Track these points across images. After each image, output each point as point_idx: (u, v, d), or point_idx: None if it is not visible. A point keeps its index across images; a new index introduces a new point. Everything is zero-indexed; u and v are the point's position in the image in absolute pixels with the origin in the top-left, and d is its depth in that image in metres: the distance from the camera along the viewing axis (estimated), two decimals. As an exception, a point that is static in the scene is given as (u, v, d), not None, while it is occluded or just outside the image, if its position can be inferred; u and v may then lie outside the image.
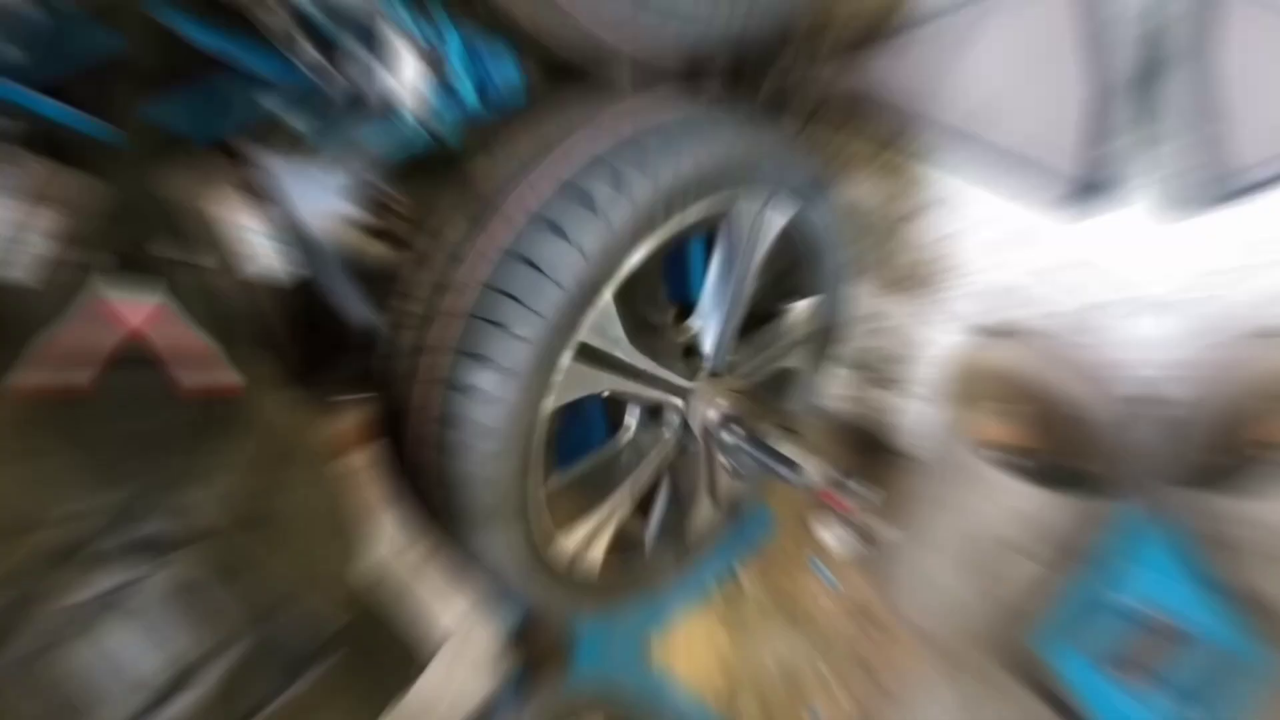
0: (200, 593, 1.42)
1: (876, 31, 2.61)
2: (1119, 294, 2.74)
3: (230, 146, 2.52)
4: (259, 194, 2.48)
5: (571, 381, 1.99)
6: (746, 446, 2.28)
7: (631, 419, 2.43)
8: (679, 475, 2.56)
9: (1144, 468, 2.59)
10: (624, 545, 2.54)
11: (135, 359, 1.37)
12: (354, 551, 1.72)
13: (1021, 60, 2.39)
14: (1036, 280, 2.87)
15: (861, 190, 3.05)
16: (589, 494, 2.36)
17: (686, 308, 2.39)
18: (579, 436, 2.45)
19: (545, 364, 1.91)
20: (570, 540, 2.31)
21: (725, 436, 2.31)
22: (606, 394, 2.16)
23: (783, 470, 2.23)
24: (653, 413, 2.42)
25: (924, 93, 2.53)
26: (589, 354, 2.00)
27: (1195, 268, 2.70)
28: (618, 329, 2.02)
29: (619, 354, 2.07)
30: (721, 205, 2.14)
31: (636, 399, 2.34)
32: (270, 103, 2.44)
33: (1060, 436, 2.88)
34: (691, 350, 2.38)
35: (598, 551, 2.41)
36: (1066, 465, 2.87)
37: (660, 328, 2.32)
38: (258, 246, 2.50)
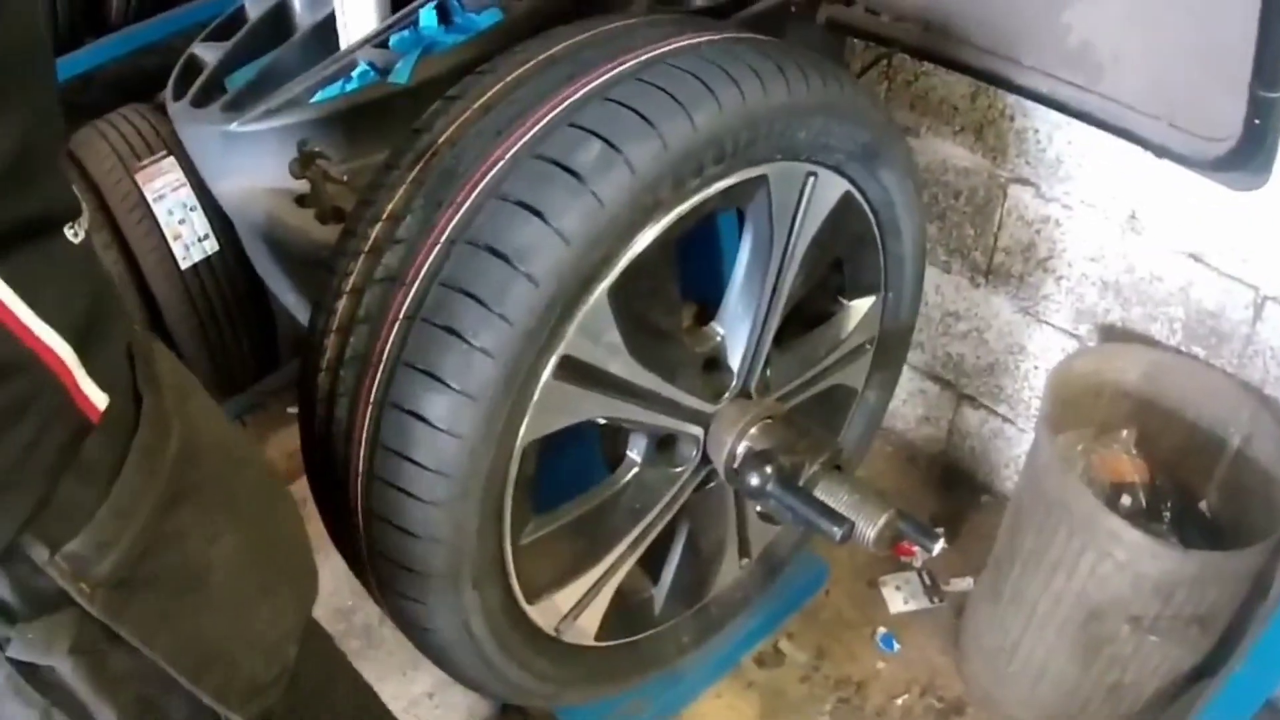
0: (68, 672, 1.14)
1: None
2: (1269, 290, 2.31)
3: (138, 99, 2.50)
4: (171, 156, 2.39)
5: (552, 406, 1.68)
6: (781, 492, 1.91)
7: (635, 452, 2.05)
8: (699, 521, 2.23)
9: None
10: (628, 610, 2.25)
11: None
12: (300, 610, 1.43)
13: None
14: (1164, 272, 2.45)
15: (945, 152, 2.71)
16: (581, 546, 2.03)
17: (708, 309, 2.04)
18: (569, 471, 2.08)
19: (516, 384, 1.58)
20: (555, 608, 1.99)
21: (753, 479, 1.93)
22: (602, 421, 1.86)
23: (826, 525, 1.86)
24: (662, 444, 2.05)
25: (1028, 25, 2.11)
26: (576, 370, 1.68)
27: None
28: (614, 336, 1.70)
29: (616, 370, 1.76)
30: (755, 173, 1.80)
31: (641, 427, 1.97)
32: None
33: (1192, 471, 2.49)
34: (714, 364, 2.02)
35: (593, 619, 2.10)
36: (1200, 509, 2.50)
37: (672, 335, 1.94)
38: (168, 221, 2.40)
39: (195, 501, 1.20)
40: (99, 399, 1.08)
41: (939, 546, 1.93)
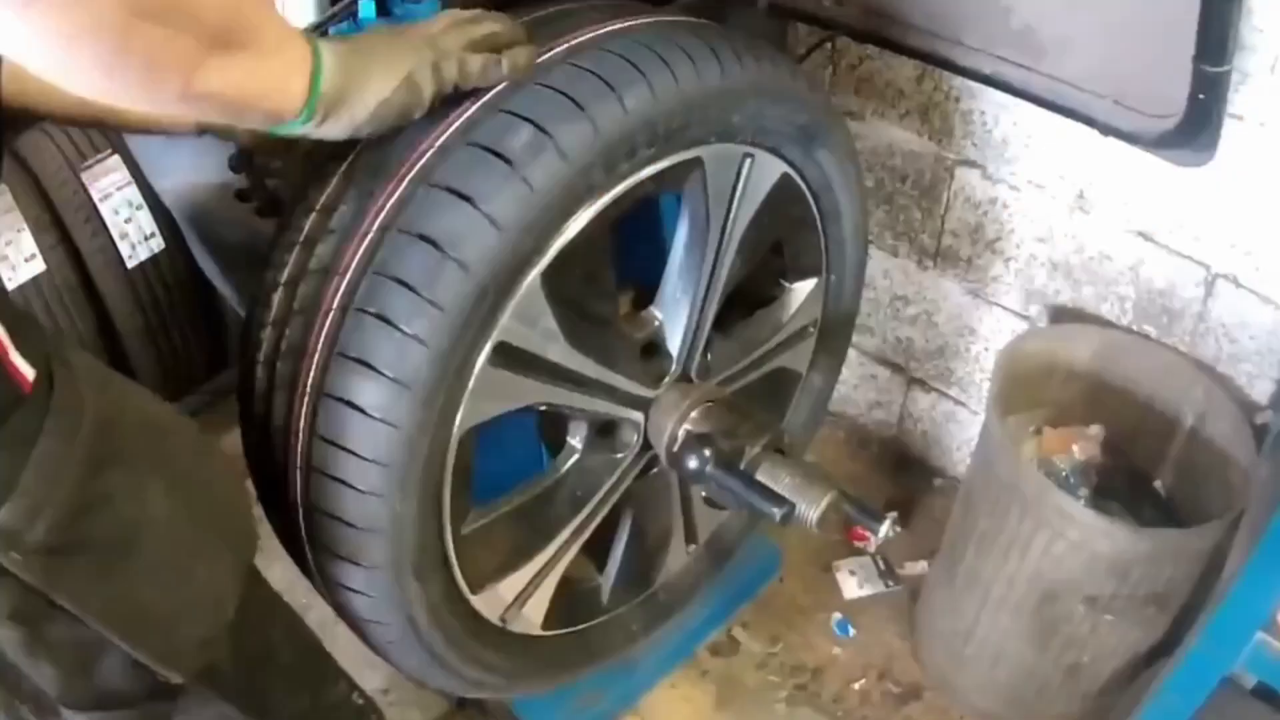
0: (5, 639, 1.19)
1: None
2: (1220, 268, 2.30)
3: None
4: (116, 155, 2.35)
5: (488, 393, 1.64)
6: (721, 475, 1.88)
7: (575, 439, 2.01)
8: (643, 508, 2.19)
9: (1261, 494, 2.14)
10: (575, 599, 2.21)
11: None
12: (237, 569, 1.43)
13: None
14: (1114, 252, 2.44)
15: (891, 135, 2.69)
16: (524, 535, 1.99)
17: (646, 294, 2.01)
18: (509, 460, 2.07)
19: (451, 370, 1.55)
20: (499, 597, 1.94)
21: (693, 462, 1.90)
22: (542, 408, 1.83)
23: (766, 508, 1.83)
24: (603, 430, 2.03)
25: (964, 6, 2.08)
26: (512, 356, 1.65)
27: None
28: (550, 322, 1.67)
29: (553, 356, 1.73)
30: (689, 155, 1.77)
31: (580, 414, 1.93)
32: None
33: (1146, 450, 2.49)
34: (653, 348, 1.99)
35: (538, 608, 2.06)
36: (1154, 488, 2.50)
37: (609, 320, 1.90)
38: (114, 220, 2.38)
39: (120, 465, 1.20)
40: (28, 371, 1.10)
41: (885, 528, 1.90)
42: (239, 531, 1.43)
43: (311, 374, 1.54)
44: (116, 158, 2.37)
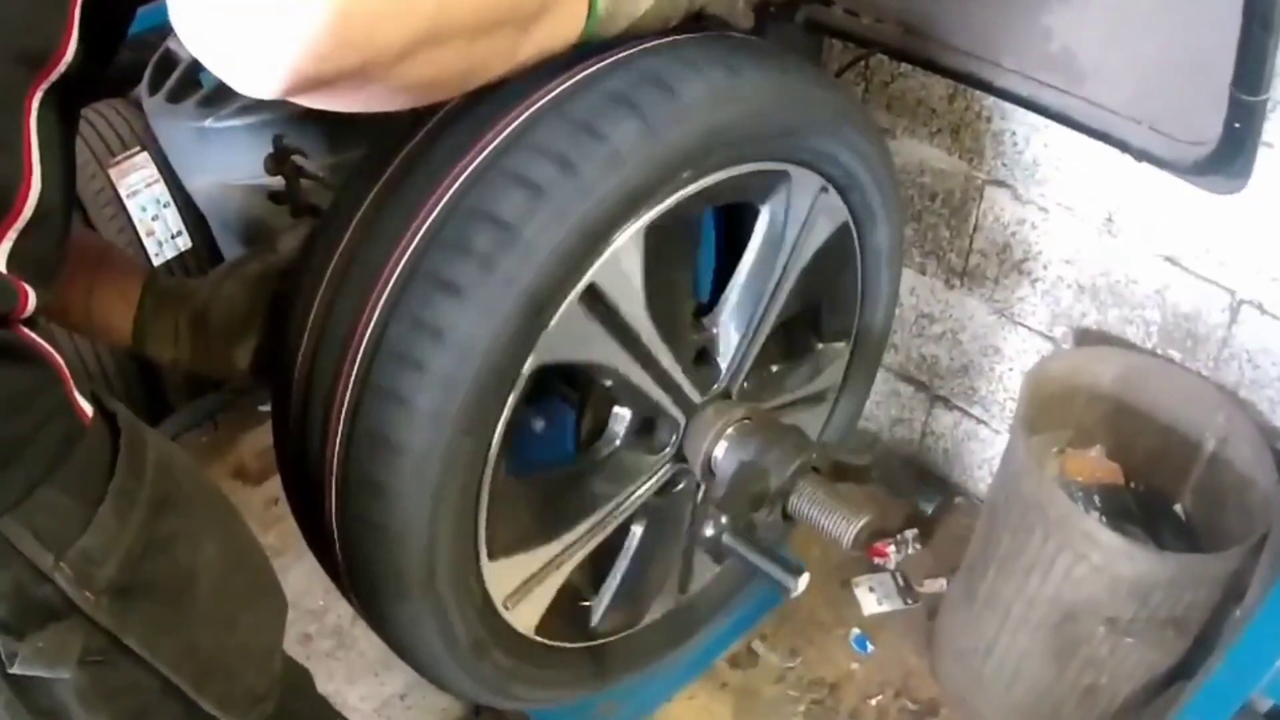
0: (71, 685, 1.15)
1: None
2: (1246, 294, 2.30)
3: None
4: (144, 152, 2.37)
5: (566, 333, 1.59)
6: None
7: (618, 427, 1.98)
8: (651, 535, 2.13)
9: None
10: (567, 612, 2.12)
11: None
12: (278, 623, 1.45)
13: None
14: (1140, 275, 2.44)
15: (921, 153, 2.69)
16: (544, 515, 1.92)
17: (700, 307, 2.02)
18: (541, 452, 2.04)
19: (537, 306, 1.51)
20: (508, 575, 1.85)
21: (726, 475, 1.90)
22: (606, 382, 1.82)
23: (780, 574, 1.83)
24: (642, 429, 1.99)
25: (1004, 28, 2.08)
26: (597, 302, 1.62)
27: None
28: (638, 280, 1.65)
29: (632, 319, 1.70)
30: (780, 166, 1.82)
31: (635, 396, 1.88)
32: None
33: (1168, 474, 2.48)
34: (705, 357, 1.98)
35: (538, 604, 1.96)
36: (1175, 511, 2.48)
37: (682, 305, 1.92)
38: (140, 218, 2.38)
39: (177, 509, 1.21)
40: (87, 407, 1.11)
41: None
42: (272, 585, 1.44)
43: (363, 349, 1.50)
44: (145, 155, 2.38)
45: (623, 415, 1.97)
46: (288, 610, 1.46)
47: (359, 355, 1.50)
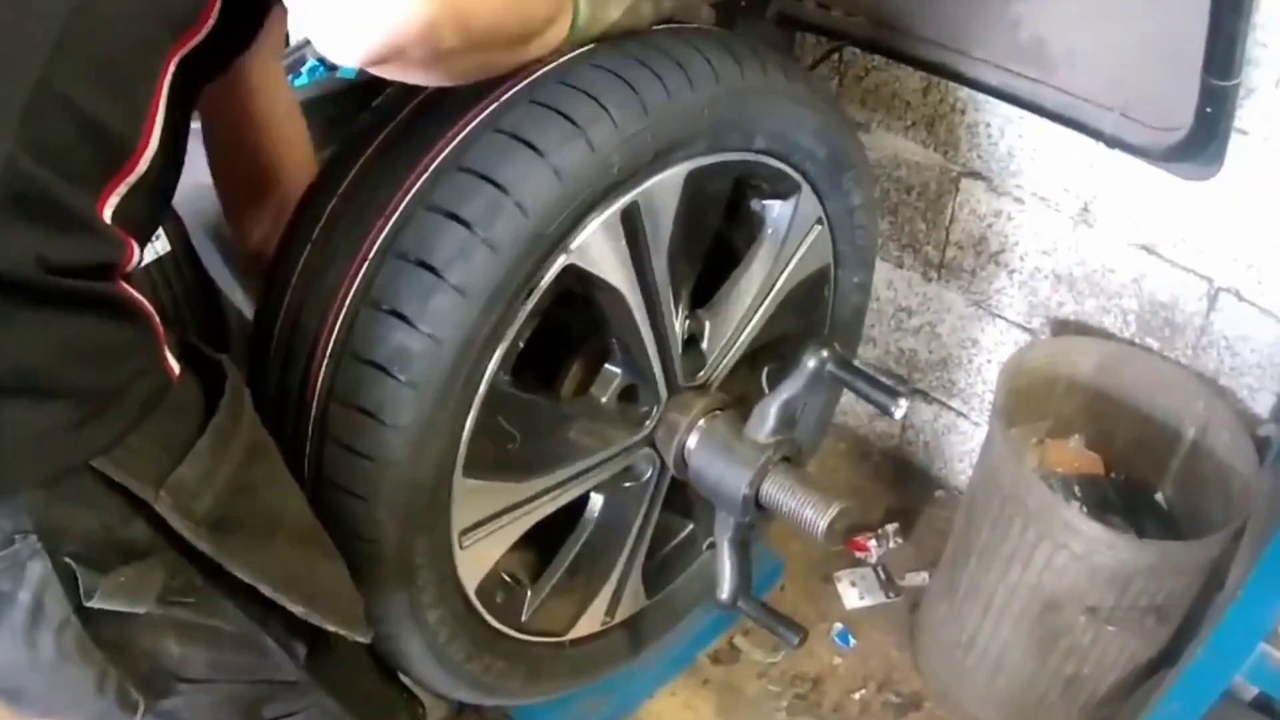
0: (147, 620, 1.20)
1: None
2: (1223, 282, 2.30)
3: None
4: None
5: (595, 252, 1.62)
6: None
7: (606, 385, 1.95)
8: (601, 534, 2.09)
9: (1263, 506, 2.15)
10: (505, 594, 2.01)
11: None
12: (350, 580, 1.48)
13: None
14: (1117, 265, 2.44)
15: (896, 147, 2.69)
16: (519, 454, 1.82)
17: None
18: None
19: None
20: (469, 504, 1.73)
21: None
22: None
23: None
24: (625, 394, 1.96)
25: (974, 18, 2.10)
26: (628, 222, 1.65)
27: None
28: (669, 220, 1.70)
29: (652, 250, 1.71)
30: (794, 172, 1.91)
31: (635, 344, 1.85)
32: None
33: (1148, 463, 2.49)
34: (694, 343, 2.00)
35: (491, 551, 1.86)
36: (1156, 500, 2.49)
37: (692, 270, 1.96)
38: None
39: (267, 459, 1.32)
40: (175, 366, 1.18)
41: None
42: (336, 552, 1.47)
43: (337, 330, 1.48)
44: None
45: (611, 375, 1.93)
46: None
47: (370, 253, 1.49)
